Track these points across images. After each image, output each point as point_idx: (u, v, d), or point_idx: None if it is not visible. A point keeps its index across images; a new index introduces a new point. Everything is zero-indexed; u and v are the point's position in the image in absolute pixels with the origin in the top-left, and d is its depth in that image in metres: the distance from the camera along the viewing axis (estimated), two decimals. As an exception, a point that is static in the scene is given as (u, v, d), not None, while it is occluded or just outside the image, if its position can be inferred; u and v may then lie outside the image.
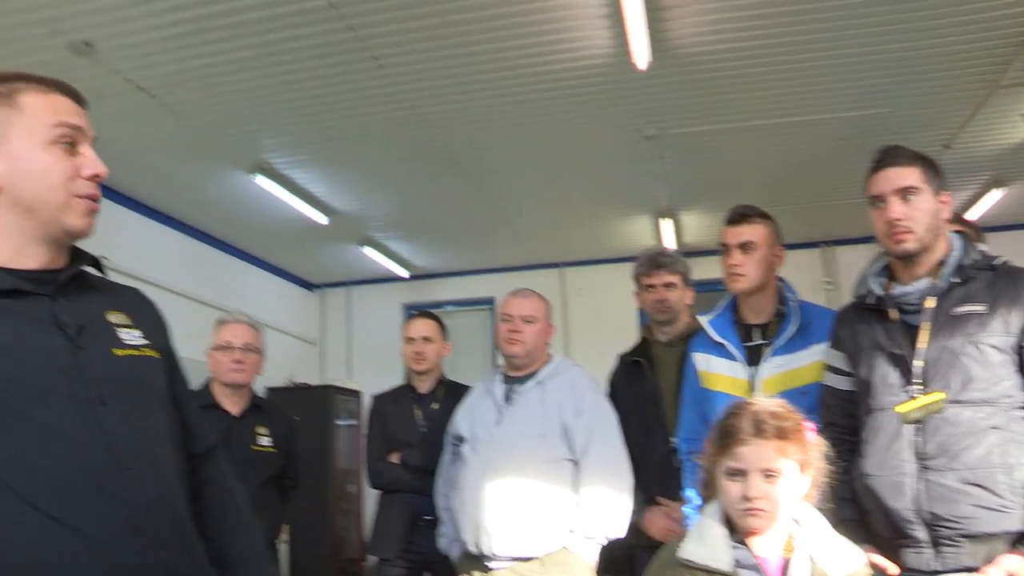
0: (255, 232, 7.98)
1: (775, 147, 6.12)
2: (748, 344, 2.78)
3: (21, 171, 1.35)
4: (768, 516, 1.75)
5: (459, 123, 5.66)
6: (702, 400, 2.84)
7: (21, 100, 1.37)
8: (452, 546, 3.19)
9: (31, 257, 1.38)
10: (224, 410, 3.42)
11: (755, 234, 2.78)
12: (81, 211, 1.40)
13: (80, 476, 1.29)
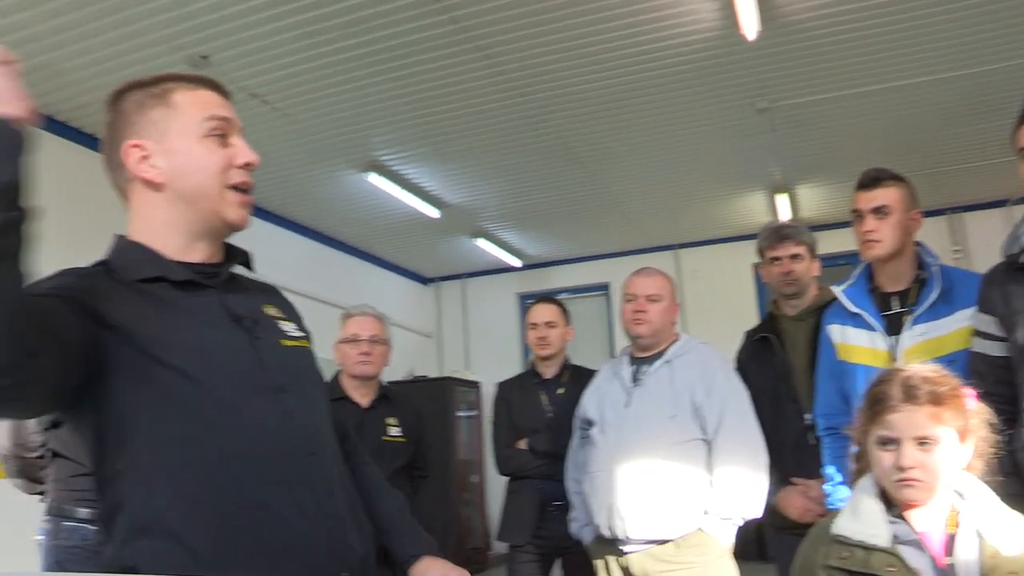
0: (370, 230, 8.15)
1: (892, 112, 5.89)
2: (887, 313, 2.64)
3: (181, 165, 1.39)
4: (925, 487, 1.65)
5: (567, 108, 5.64)
6: (839, 374, 2.73)
7: (174, 98, 1.41)
8: (584, 531, 3.16)
9: (196, 251, 1.43)
10: (354, 402, 3.47)
11: (889, 197, 2.65)
12: (236, 203, 1.44)
13: (279, 463, 1.35)
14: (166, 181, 1.39)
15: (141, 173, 1.39)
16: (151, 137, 1.39)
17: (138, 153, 1.38)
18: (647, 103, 5.62)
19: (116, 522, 1.27)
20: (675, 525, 2.83)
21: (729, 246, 8.81)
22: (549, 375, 3.90)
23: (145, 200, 1.41)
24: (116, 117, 1.42)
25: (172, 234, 1.41)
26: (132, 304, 1.32)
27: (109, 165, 1.44)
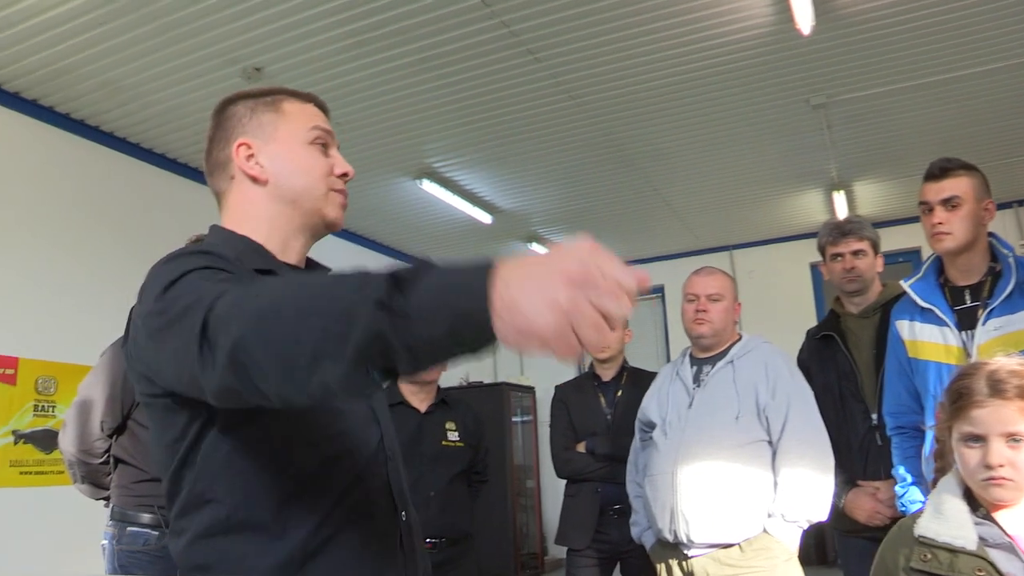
0: (423, 237, 8.19)
1: (951, 103, 5.74)
2: (958, 307, 2.56)
3: (287, 166, 1.45)
4: (1015, 486, 1.58)
5: (619, 109, 5.60)
6: (909, 371, 2.66)
7: (283, 106, 1.49)
8: (645, 535, 3.12)
9: (291, 252, 1.48)
10: (412, 407, 3.48)
11: (959, 188, 2.56)
12: (337, 203, 1.50)
13: (376, 464, 1.41)
14: (270, 179, 1.45)
15: (248, 169, 1.45)
16: (260, 138, 1.46)
17: (246, 151, 1.45)
18: (699, 102, 5.57)
19: (197, 516, 1.27)
20: (739, 528, 2.78)
21: (785, 246, 8.69)
22: (608, 377, 3.88)
23: (248, 196, 1.46)
24: (225, 121, 1.49)
25: (273, 231, 1.45)
26: None
27: (212, 166, 1.50)
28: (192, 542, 1.26)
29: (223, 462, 1.25)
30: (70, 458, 3.01)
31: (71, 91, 4.95)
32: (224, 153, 1.47)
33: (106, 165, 5.54)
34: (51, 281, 4.99)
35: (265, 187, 1.45)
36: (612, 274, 0.87)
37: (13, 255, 4.83)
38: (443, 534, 3.33)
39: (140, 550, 2.86)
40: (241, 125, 1.47)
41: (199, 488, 1.26)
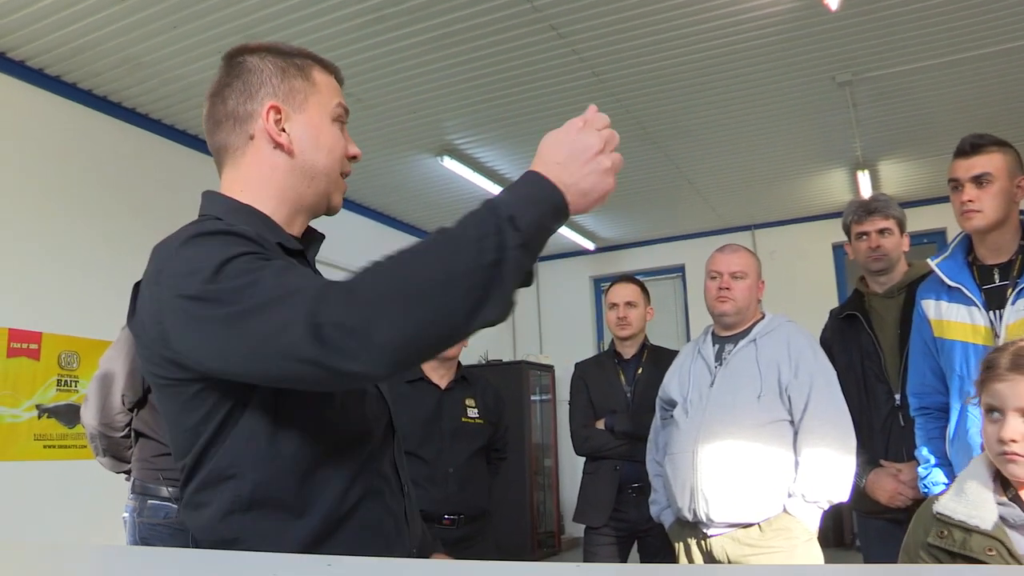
0: (443, 214, 8.17)
1: (982, 81, 5.63)
2: (987, 287, 2.51)
3: (314, 140, 1.41)
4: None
5: (642, 86, 5.56)
6: (935, 351, 2.62)
7: (315, 75, 1.44)
8: (664, 513, 3.12)
9: (295, 226, 1.45)
10: (433, 383, 3.48)
11: (991, 164, 2.50)
12: (342, 190, 1.48)
13: (387, 441, 1.43)
14: (296, 151, 1.40)
15: (276, 135, 1.38)
16: (290, 105, 1.40)
17: (276, 115, 1.38)
18: (723, 79, 5.51)
19: (219, 491, 1.26)
20: (759, 508, 2.76)
21: (807, 226, 8.63)
22: (629, 355, 3.86)
23: (268, 162, 1.40)
24: (248, 73, 1.41)
25: (283, 202, 1.41)
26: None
27: (224, 119, 1.41)
28: (214, 517, 1.26)
29: (249, 441, 1.24)
30: (91, 431, 3.03)
31: (93, 67, 4.96)
32: (245, 108, 1.39)
33: (128, 141, 5.56)
34: (73, 257, 5.02)
35: (289, 157, 1.39)
36: (600, 124, 1.26)
37: (37, 231, 4.86)
38: (461, 511, 3.33)
39: (161, 523, 2.89)
40: (271, 85, 1.40)
41: (223, 464, 1.25)
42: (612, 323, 3.87)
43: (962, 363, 2.45)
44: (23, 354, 4.70)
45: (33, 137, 4.94)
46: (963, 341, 2.47)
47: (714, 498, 2.78)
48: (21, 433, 4.64)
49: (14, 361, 4.65)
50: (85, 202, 5.18)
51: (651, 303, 3.92)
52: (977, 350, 2.42)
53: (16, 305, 4.69)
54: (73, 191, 5.12)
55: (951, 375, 2.50)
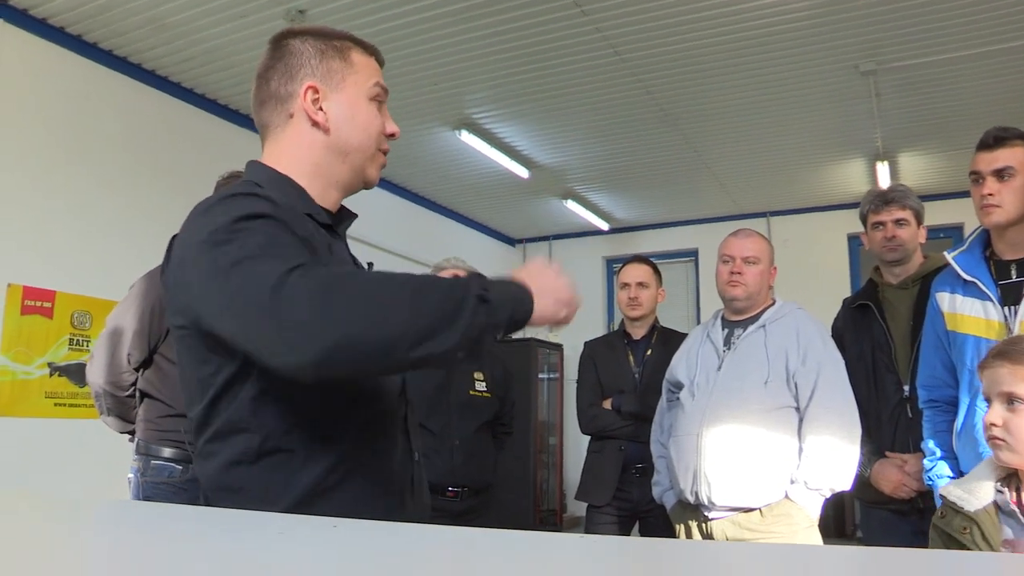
0: (459, 188, 8.18)
1: (1010, 74, 5.56)
2: (1003, 282, 2.49)
3: (350, 118, 1.49)
4: (1009, 447, 1.61)
5: (663, 68, 5.52)
6: (947, 344, 2.60)
7: (353, 57, 1.52)
8: (667, 495, 3.13)
9: (329, 199, 1.52)
10: (441, 356, 3.50)
11: (1014, 158, 2.46)
12: (379, 164, 1.55)
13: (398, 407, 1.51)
14: (331, 129, 1.48)
15: (312, 113, 1.46)
16: (327, 84, 1.48)
17: (313, 95, 1.47)
18: (746, 64, 5.47)
19: (230, 442, 1.31)
20: (761, 493, 2.77)
21: (823, 215, 8.59)
22: (638, 336, 3.87)
23: (304, 139, 1.48)
24: (290, 55, 1.49)
25: (316, 176, 1.48)
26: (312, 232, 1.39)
27: (267, 99, 1.50)
28: (222, 467, 1.31)
29: (259, 396, 1.29)
30: (97, 389, 3.02)
31: (116, 27, 4.96)
32: (286, 88, 1.48)
33: (149, 103, 5.57)
34: (90, 216, 5.05)
35: (325, 135, 1.47)
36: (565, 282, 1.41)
37: (54, 190, 4.88)
38: (465, 483, 3.36)
39: (164, 482, 2.91)
40: (310, 66, 1.48)
41: (235, 418, 1.30)
42: (623, 303, 3.88)
43: (973, 358, 2.44)
44: (37, 312, 4.74)
45: (54, 96, 4.96)
46: (976, 335, 2.46)
47: (716, 481, 2.79)
48: (33, 390, 4.69)
49: (28, 319, 4.69)
50: (104, 163, 5.20)
51: (663, 285, 3.92)
52: (989, 345, 2.41)
53: (31, 263, 4.73)
54: (92, 151, 5.14)
55: (962, 369, 2.49)
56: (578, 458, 4.00)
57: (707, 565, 0.86)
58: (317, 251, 1.33)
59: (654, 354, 3.78)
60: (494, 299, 1.23)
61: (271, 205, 1.28)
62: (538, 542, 1.00)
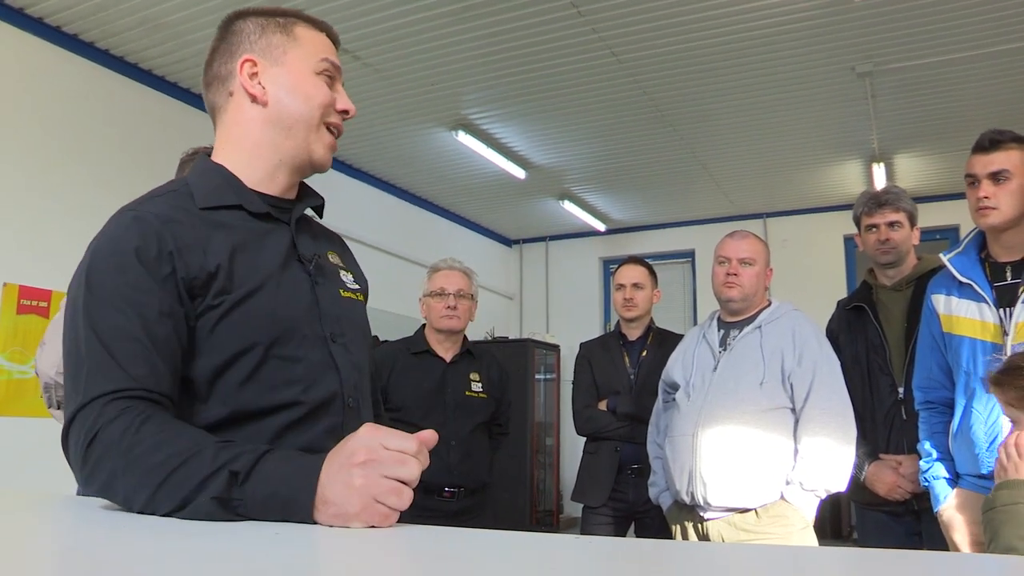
0: (456, 189, 8.18)
1: (1007, 76, 5.58)
2: (998, 284, 2.49)
3: (290, 90, 1.42)
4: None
5: (660, 69, 5.53)
6: (942, 346, 2.60)
7: (296, 31, 1.46)
8: (663, 496, 3.14)
9: (275, 183, 1.46)
10: (438, 356, 3.50)
11: (1009, 161, 2.46)
12: (326, 142, 1.47)
13: (328, 413, 1.37)
14: (270, 101, 1.42)
15: (249, 87, 1.42)
16: (267, 58, 1.43)
17: (251, 68, 1.42)
18: (742, 65, 5.48)
19: None
20: (757, 494, 2.78)
21: (820, 216, 8.61)
22: (634, 337, 3.88)
23: (243, 116, 1.44)
24: (232, 35, 1.46)
25: (259, 157, 1.44)
26: (212, 239, 1.33)
27: (211, 80, 1.47)
28: None
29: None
30: (47, 380, 2.72)
31: (111, 27, 4.96)
32: (226, 67, 1.44)
33: (144, 103, 5.56)
34: (86, 215, 5.02)
35: (263, 108, 1.42)
36: (395, 445, 1.06)
37: (48, 189, 4.88)
38: (462, 483, 3.36)
39: None
40: (249, 42, 1.44)
41: None
42: (619, 304, 3.88)
43: (969, 359, 2.45)
44: (32, 311, 4.73)
45: (49, 95, 4.95)
46: (971, 337, 2.46)
47: (712, 482, 2.80)
48: (28, 389, 4.68)
49: (24, 318, 4.68)
50: (100, 162, 5.19)
51: (658, 286, 3.93)
52: (985, 347, 2.42)
53: (27, 263, 4.72)
54: (87, 151, 5.14)
55: (958, 371, 2.50)
56: (575, 458, 4.00)
57: (703, 566, 0.86)
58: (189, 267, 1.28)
59: (650, 355, 3.79)
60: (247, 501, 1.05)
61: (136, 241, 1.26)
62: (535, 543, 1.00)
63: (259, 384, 1.30)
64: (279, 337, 1.33)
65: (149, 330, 1.21)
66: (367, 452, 1.04)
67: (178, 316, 1.25)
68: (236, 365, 1.29)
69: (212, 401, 1.28)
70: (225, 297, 1.29)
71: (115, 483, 1.11)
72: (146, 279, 1.24)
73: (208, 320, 1.28)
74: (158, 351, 1.21)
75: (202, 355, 1.28)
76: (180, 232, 1.29)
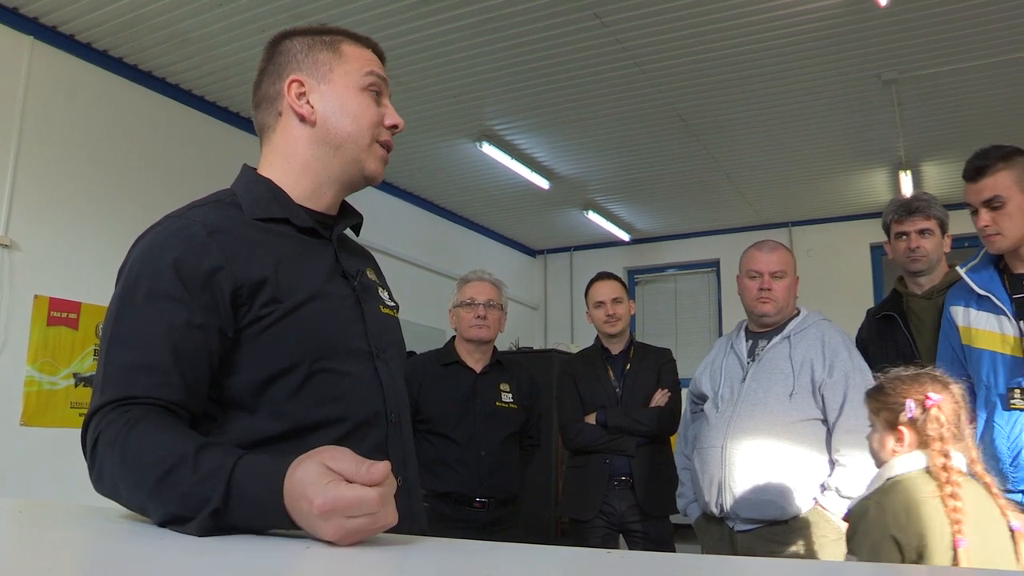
0: (480, 200, 8.18)
1: (1037, 82, 5.50)
2: (1017, 296, 2.46)
3: (338, 108, 1.43)
4: None
5: (684, 78, 5.52)
6: (962, 358, 2.57)
7: (342, 48, 1.47)
8: (691, 508, 3.12)
9: (322, 199, 1.46)
10: (468, 367, 3.50)
11: (998, 186, 2.43)
12: (379, 156, 1.48)
13: (373, 428, 1.38)
14: (318, 120, 1.43)
15: (297, 107, 1.42)
16: (314, 77, 1.44)
17: (298, 88, 1.43)
18: (767, 74, 5.45)
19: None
20: (788, 506, 2.75)
21: (846, 225, 8.53)
22: (617, 351, 3.92)
23: (292, 135, 1.44)
24: (279, 55, 1.47)
25: (307, 174, 1.44)
26: (259, 249, 1.33)
27: (260, 101, 1.49)
28: None
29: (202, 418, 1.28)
30: None
31: (140, 42, 5.02)
32: (274, 87, 1.46)
33: (172, 117, 5.61)
34: (115, 228, 5.09)
35: (312, 128, 1.43)
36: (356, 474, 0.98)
37: (80, 204, 4.94)
38: (492, 495, 3.35)
39: None
40: (296, 61, 1.45)
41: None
42: (600, 320, 3.93)
43: (989, 372, 2.41)
44: (63, 323, 4.78)
45: (79, 110, 5.01)
46: (991, 350, 2.43)
47: (742, 494, 2.77)
48: (59, 400, 4.73)
49: (54, 330, 4.73)
50: (127, 176, 5.25)
51: (633, 297, 3.98)
52: (1005, 360, 2.38)
53: (58, 275, 4.78)
54: (117, 165, 5.19)
55: (978, 384, 2.46)
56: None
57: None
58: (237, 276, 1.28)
59: (632, 368, 3.83)
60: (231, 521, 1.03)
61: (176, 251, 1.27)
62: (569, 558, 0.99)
63: (307, 398, 1.30)
64: (327, 350, 1.33)
65: (172, 338, 1.21)
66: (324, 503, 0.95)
67: (210, 328, 1.25)
68: (285, 378, 1.29)
69: (261, 414, 1.28)
70: (275, 307, 1.29)
71: (118, 488, 1.13)
72: (179, 288, 1.24)
73: (254, 330, 1.28)
74: (178, 361, 1.21)
75: (247, 366, 1.28)
76: (227, 241, 1.30)
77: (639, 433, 3.67)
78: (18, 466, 4.45)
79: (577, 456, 3.86)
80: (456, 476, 3.28)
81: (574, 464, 3.87)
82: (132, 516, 1.14)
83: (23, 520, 1.26)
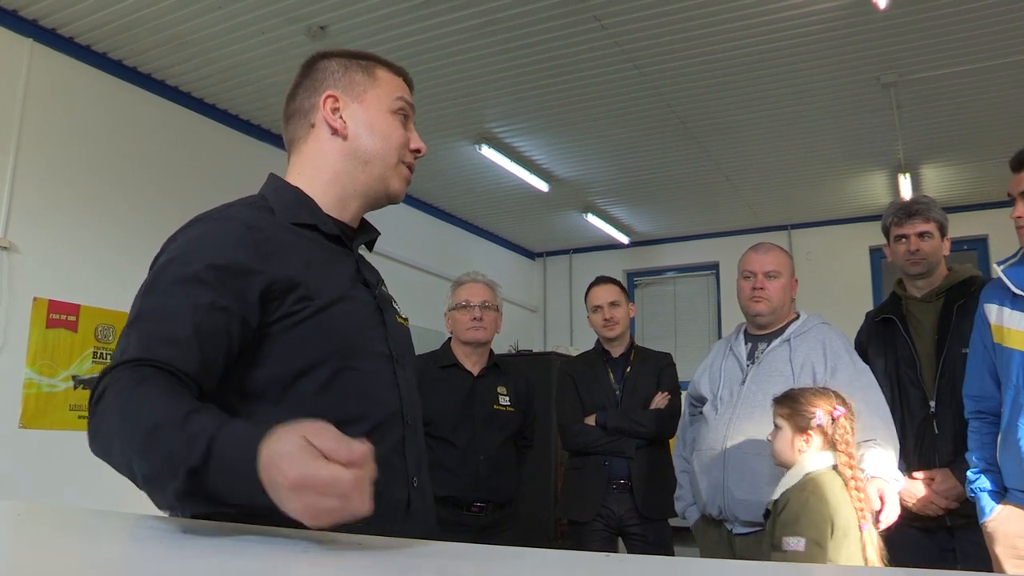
0: (479, 202, 8.18)
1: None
2: None
3: (369, 127, 1.53)
4: None
5: (683, 81, 5.51)
6: (993, 356, 2.52)
7: (376, 72, 1.58)
8: (690, 510, 3.11)
9: (346, 211, 1.55)
10: (465, 369, 3.49)
11: None
12: (403, 177, 1.57)
13: (391, 429, 1.43)
14: (349, 135, 1.52)
15: (331, 120, 1.51)
16: (348, 95, 1.54)
17: (333, 103, 1.52)
18: (766, 77, 5.45)
19: None
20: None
21: (845, 227, 8.53)
22: (617, 354, 3.92)
23: (323, 146, 1.53)
24: (316, 72, 1.57)
25: (334, 185, 1.52)
26: (292, 249, 1.39)
27: (293, 113, 1.57)
28: None
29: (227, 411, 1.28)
30: None
31: (139, 45, 5.01)
32: (309, 101, 1.54)
33: (171, 120, 5.61)
34: (112, 231, 5.09)
35: (343, 141, 1.51)
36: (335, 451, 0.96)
37: (79, 205, 4.93)
38: (491, 498, 3.35)
39: None
40: (333, 79, 1.54)
41: None
42: (598, 325, 3.94)
43: (1019, 373, 2.37)
44: (61, 325, 4.78)
45: (79, 112, 5.01)
46: (1022, 351, 2.40)
47: (741, 496, 2.77)
48: (57, 403, 4.72)
49: (52, 332, 4.72)
50: (127, 178, 5.24)
51: (633, 299, 3.97)
52: None
53: (57, 277, 4.76)
54: (116, 167, 5.19)
55: (1006, 384, 2.42)
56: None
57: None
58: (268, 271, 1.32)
59: (633, 371, 3.83)
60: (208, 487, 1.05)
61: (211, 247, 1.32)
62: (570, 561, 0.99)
63: (333, 394, 1.34)
64: (353, 350, 1.39)
65: (197, 317, 1.25)
66: (298, 476, 0.94)
67: (234, 313, 1.28)
68: (313, 373, 1.33)
69: (284, 407, 1.30)
70: (308, 304, 1.34)
71: (112, 443, 1.16)
72: (209, 274, 1.29)
73: (285, 324, 1.33)
74: (199, 335, 1.24)
75: (277, 360, 1.32)
76: (263, 239, 1.36)
77: (639, 435, 3.67)
78: (17, 468, 4.43)
79: (576, 457, 3.86)
80: (455, 480, 3.28)
81: (573, 465, 3.87)
82: (132, 517, 1.14)
83: (22, 523, 1.26)
